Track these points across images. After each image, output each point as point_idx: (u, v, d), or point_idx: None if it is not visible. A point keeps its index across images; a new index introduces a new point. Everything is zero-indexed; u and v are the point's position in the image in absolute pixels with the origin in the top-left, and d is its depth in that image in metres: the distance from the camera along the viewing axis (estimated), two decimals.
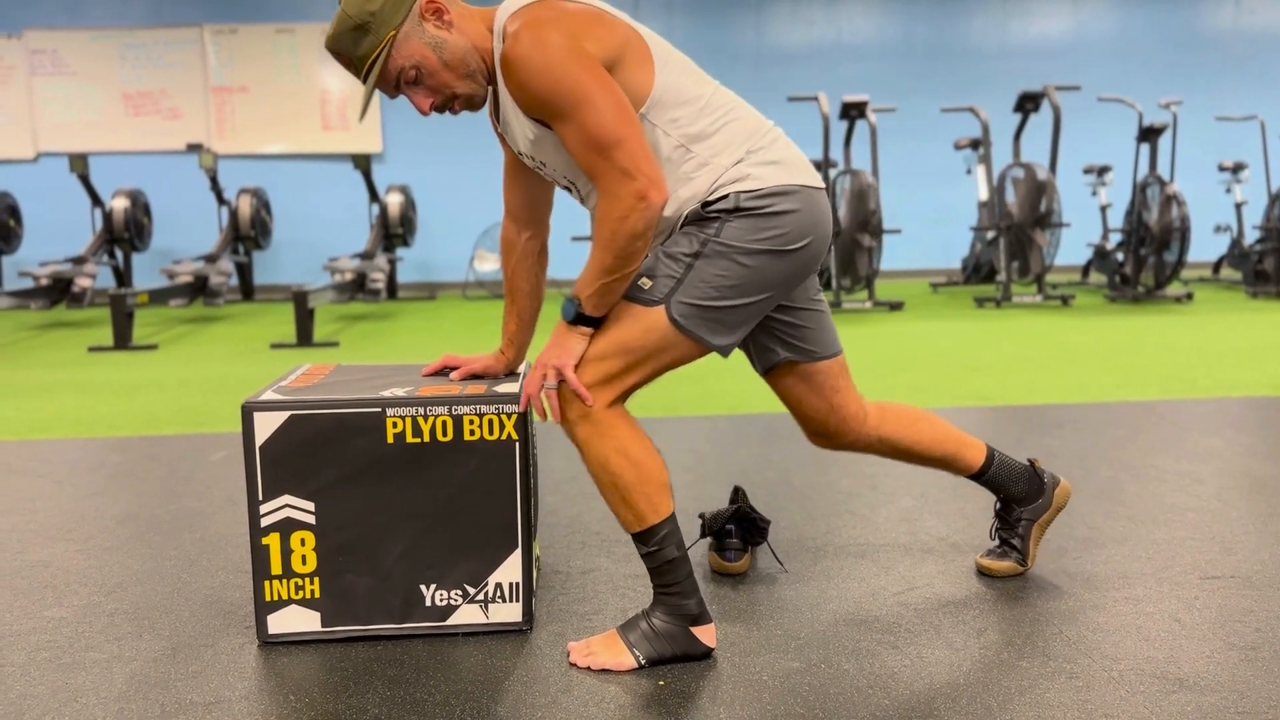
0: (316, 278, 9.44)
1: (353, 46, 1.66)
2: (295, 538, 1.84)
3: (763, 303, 1.77)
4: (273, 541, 1.83)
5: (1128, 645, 1.80)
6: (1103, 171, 8.65)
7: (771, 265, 1.73)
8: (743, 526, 2.23)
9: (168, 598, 2.10)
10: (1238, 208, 8.65)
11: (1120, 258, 8.12)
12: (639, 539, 1.75)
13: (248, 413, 1.80)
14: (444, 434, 1.83)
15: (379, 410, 1.82)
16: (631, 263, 1.65)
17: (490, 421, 1.84)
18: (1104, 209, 8.67)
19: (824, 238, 1.79)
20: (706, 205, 1.72)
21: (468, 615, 1.89)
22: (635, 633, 1.76)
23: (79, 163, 7.80)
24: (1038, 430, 3.45)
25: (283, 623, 1.86)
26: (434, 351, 5.65)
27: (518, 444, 1.85)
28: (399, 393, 1.86)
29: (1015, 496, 2.13)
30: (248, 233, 8.35)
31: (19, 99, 9.35)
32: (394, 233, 8.50)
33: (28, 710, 1.63)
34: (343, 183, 9.54)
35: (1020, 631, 1.87)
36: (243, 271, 8.90)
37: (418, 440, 1.83)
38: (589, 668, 1.75)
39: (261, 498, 1.82)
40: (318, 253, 9.41)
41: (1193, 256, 9.62)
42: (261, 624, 1.86)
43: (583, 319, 1.69)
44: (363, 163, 8.42)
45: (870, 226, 7.31)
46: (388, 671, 1.76)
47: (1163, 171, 9.40)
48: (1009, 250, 7.77)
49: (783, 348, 1.91)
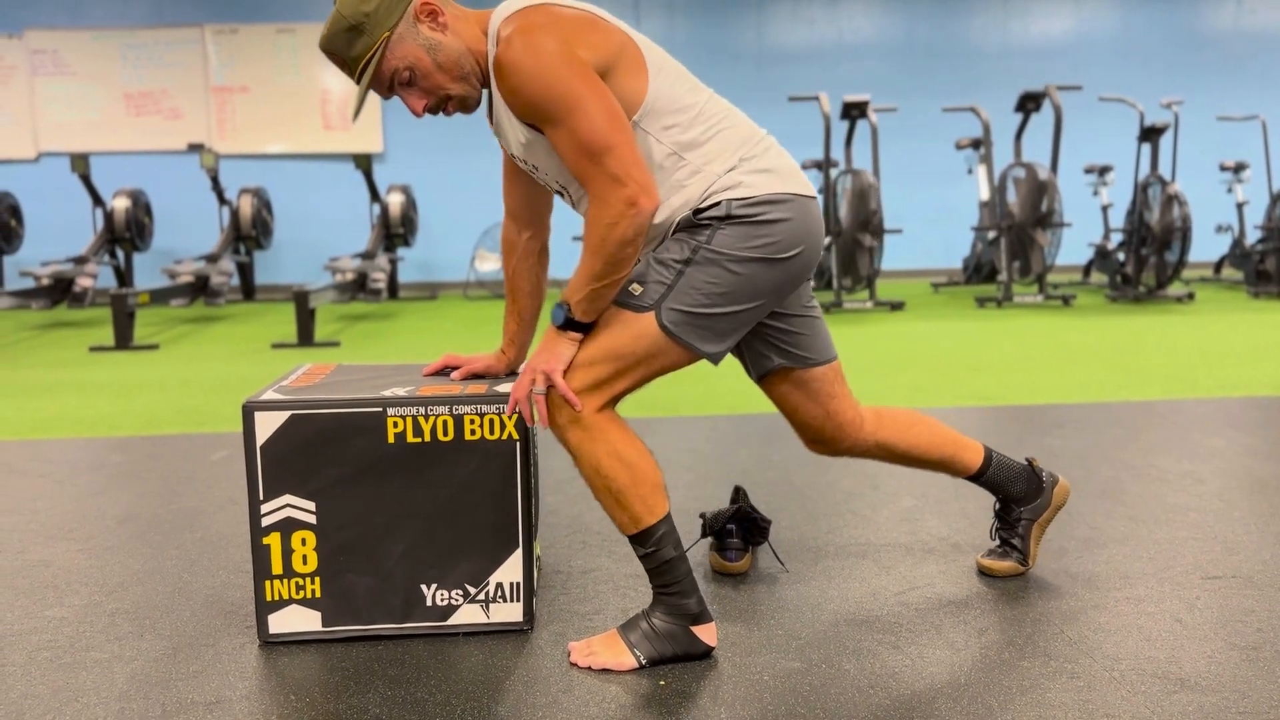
0: (317, 277, 9.44)
1: (347, 47, 1.66)
2: (296, 537, 1.84)
3: (753, 311, 1.76)
4: (274, 541, 1.84)
5: (1129, 645, 1.80)
6: (1104, 171, 8.64)
7: (762, 273, 1.73)
8: (744, 526, 2.23)
9: (168, 597, 2.10)
10: (1239, 207, 8.65)
11: (1121, 258, 8.11)
12: (636, 540, 1.75)
13: (249, 412, 1.80)
14: (445, 434, 1.83)
15: (380, 410, 1.82)
16: (621, 269, 1.64)
17: (491, 421, 1.84)
18: (1105, 209, 8.67)
19: (816, 247, 1.78)
20: (698, 212, 1.72)
21: (468, 615, 1.89)
22: (636, 632, 1.76)
23: (80, 163, 7.80)
24: (1039, 430, 3.45)
25: (283, 622, 1.86)
26: (435, 351, 5.65)
27: (518, 444, 1.85)
28: (400, 392, 1.86)
29: (1014, 496, 2.13)
30: (249, 232, 8.35)
31: (20, 99, 9.36)
32: (395, 232, 8.50)
33: (29, 710, 1.64)
34: (344, 182, 9.54)
35: (1021, 631, 1.87)
36: (244, 271, 8.91)
37: (419, 440, 1.83)
38: (590, 667, 1.75)
39: (262, 497, 1.82)
40: (319, 252, 9.42)
41: (1194, 256, 9.61)
42: (262, 624, 1.86)
43: (572, 324, 1.69)
44: (364, 162, 8.42)
45: (871, 226, 7.31)
46: (388, 671, 1.76)
47: (1164, 171, 9.40)
48: (1010, 250, 7.76)
49: (777, 354, 1.91)
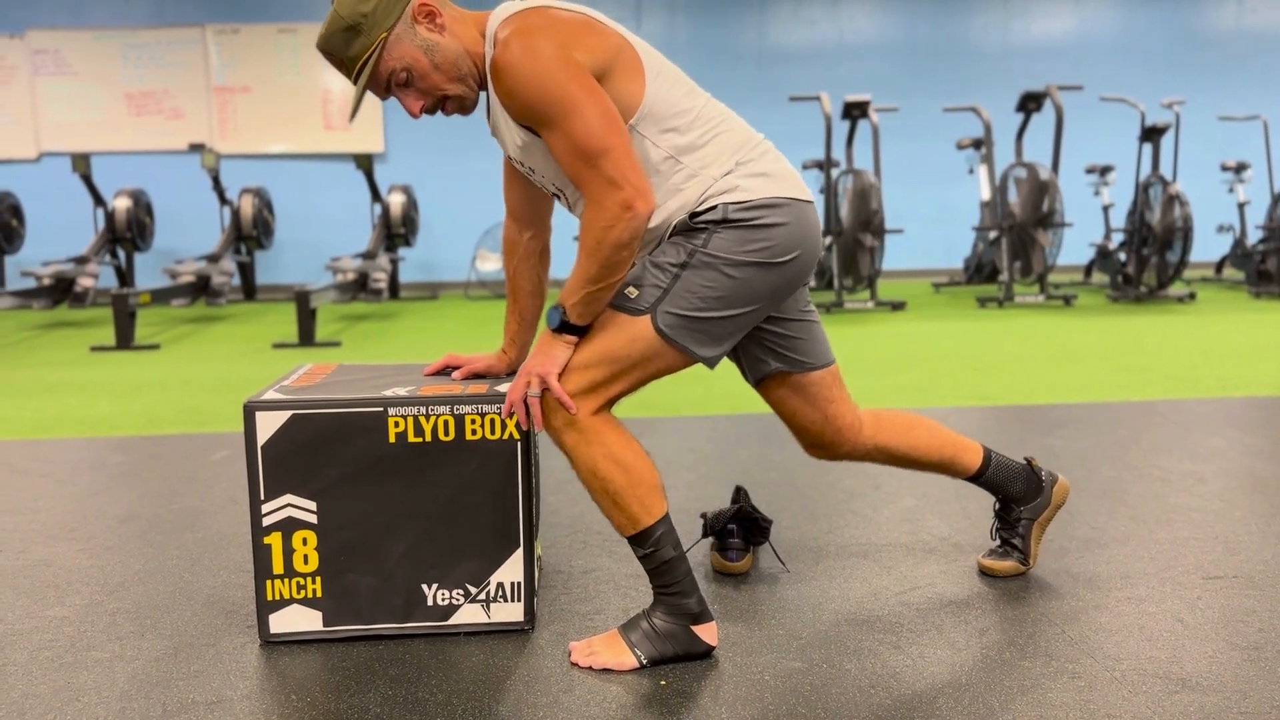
0: (318, 277, 9.44)
1: (344, 47, 1.66)
2: (297, 537, 1.84)
3: (750, 315, 1.76)
4: (274, 541, 1.84)
5: (1130, 645, 1.80)
6: (1105, 171, 8.64)
7: (758, 277, 1.72)
8: (744, 526, 2.23)
9: (169, 597, 2.10)
10: (1240, 207, 8.65)
11: (1123, 257, 8.11)
12: (634, 541, 1.75)
13: (250, 412, 1.80)
14: (446, 433, 1.83)
15: (381, 410, 1.82)
16: (617, 272, 1.64)
17: (492, 421, 1.84)
18: (1106, 209, 8.67)
19: (813, 251, 1.78)
20: (695, 216, 1.72)
21: (469, 615, 1.89)
22: (637, 632, 1.76)
23: (81, 162, 7.81)
24: (1040, 430, 3.44)
25: (284, 622, 1.86)
26: (436, 351, 5.66)
27: (519, 444, 1.85)
28: (401, 392, 1.86)
29: (1014, 496, 2.13)
30: (250, 232, 8.35)
31: (21, 99, 9.36)
32: (396, 232, 8.51)
33: (30, 709, 1.64)
34: (345, 182, 9.54)
35: (1022, 631, 1.87)
36: (245, 271, 8.91)
37: (420, 440, 1.83)
38: (591, 667, 1.75)
39: (263, 497, 1.82)
40: (320, 252, 9.42)
41: (1195, 256, 9.61)
42: (263, 623, 1.86)
43: (568, 327, 1.69)
44: (365, 162, 8.42)
45: (872, 226, 7.31)
46: (389, 671, 1.76)
47: (1165, 171, 9.39)
48: (1011, 250, 7.76)
49: (774, 359, 1.91)
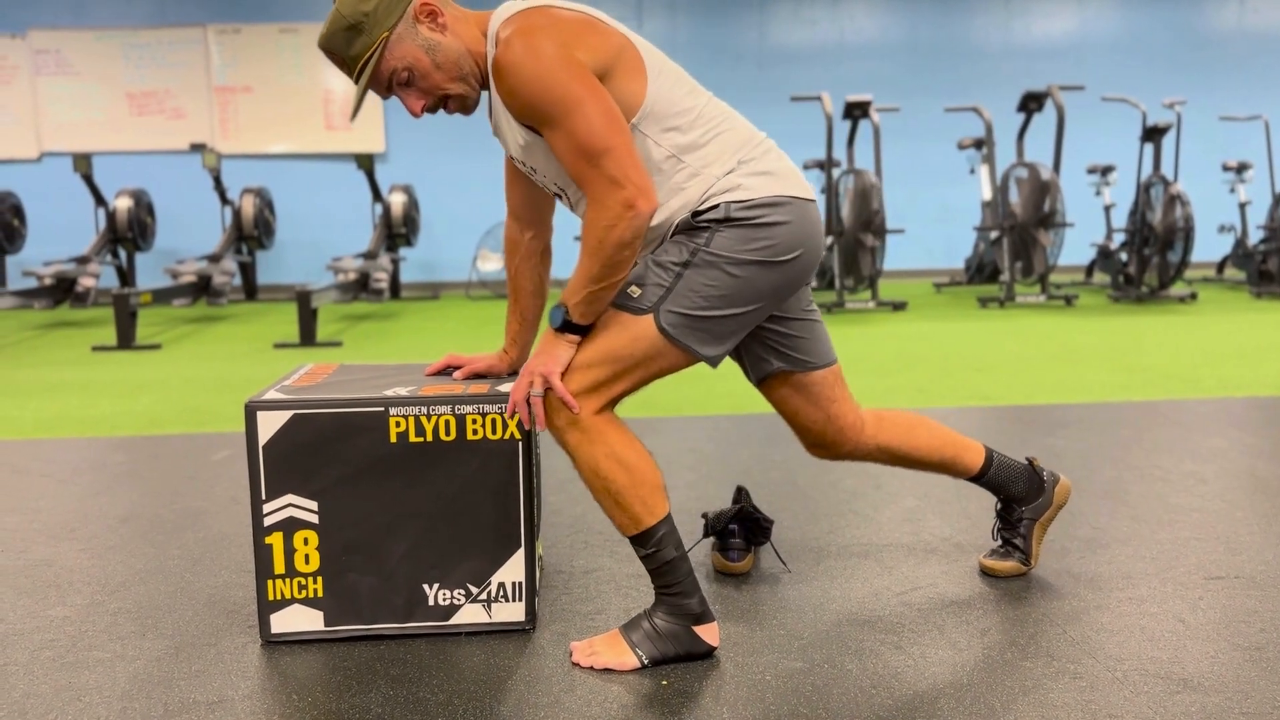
0: (320, 277, 9.45)
1: (345, 46, 1.66)
2: (298, 537, 1.84)
3: (752, 314, 1.76)
4: (276, 541, 1.84)
5: (1132, 646, 1.80)
6: (1106, 171, 8.64)
7: (761, 276, 1.72)
8: (746, 526, 2.23)
9: (171, 597, 2.10)
10: (1242, 208, 8.64)
11: (1124, 258, 8.11)
12: (636, 541, 1.75)
13: (251, 412, 1.80)
14: (447, 433, 1.83)
15: (382, 410, 1.82)
16: (619, 271, 1.64)
17: (493, 421, 1.84)
18: (1108, 209, 8.66)
19: (815, 250, 1.78)
20: (697, 215, 1.72)
21: (471, 615, 1.89)
22: (638, 632, 1.76)
23: (83, 162, 7.81)
24: (1041, 430, 3.44)
25: (285, 622, 1.86)
26: (437, 351, 5.66)
27: (521, 444, 1.85)
28: (402, 392, 1.86)
29: (1015, 496, 2.13)
30: (251, 232, 8.36)
31: (23, 99, 9.37)
32: (397, 232, 8.51)
33: (31, 709, 1.64)
34: (346, 182, 9.54)
35: (1024, 632, 1.87)
36: (246, 271, 8.91)
37: (421, 440, 1.83)
38: (592, 667, 1.75)
39: (264, 497, 1.82)
40: (321, 252, 9.42)
41: (1196, 256, 9.61)
42: (264, 623, 1.86)
43: (570, 326, 1.69)
44: (366, 162, 8.42)
45: (874, 226, 7.31)
46: (390, 671, 1.76)
47: (1166, 171, 9.38)
48: (1012, 250, 7.76)
49: (776, 358, 1.91)
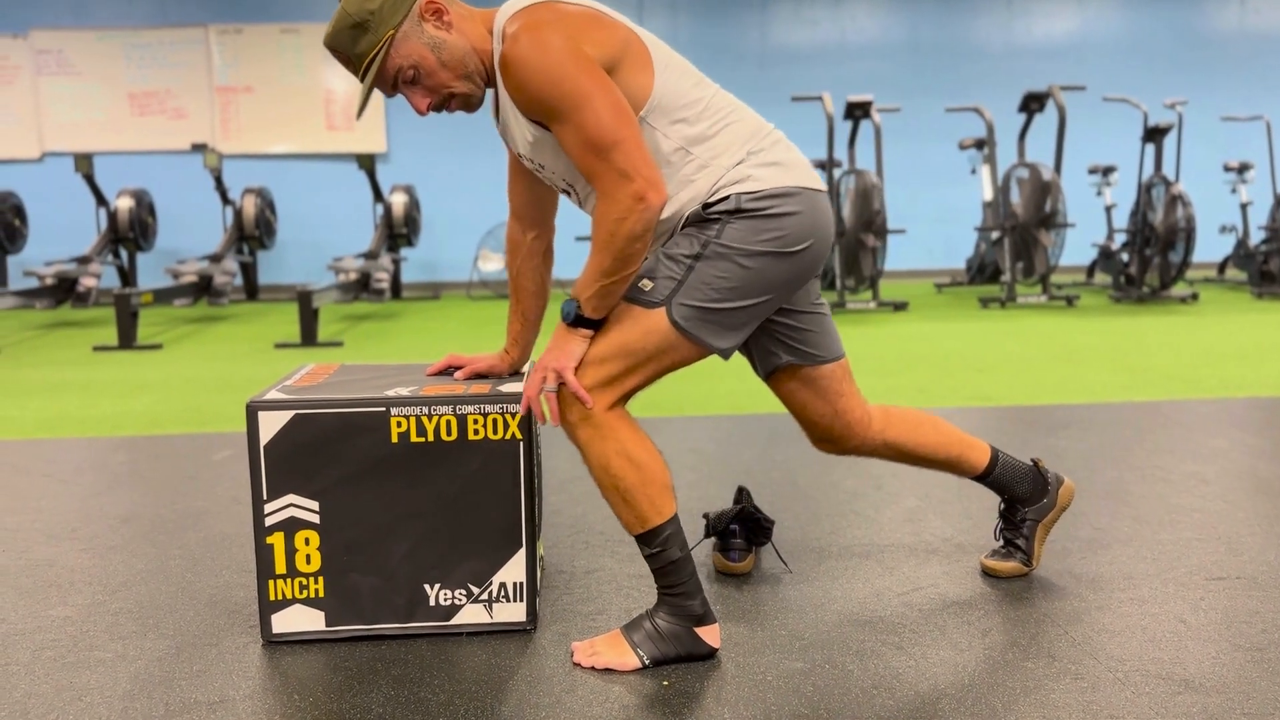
0: (321, 277, 9.45)
1: (351, 44, 1.66)
2: (299, 537, 1.84)
3: (764, 305, 1.76)
4: (277, 541, 1.84)
5: (1133, 646, 1.80)
6: (1108, 171, 8.63)
7: (772, 267, 1.72)
8: (747, 527, 2.22)
9: (172, 597, 2.10)
10: (1243, 208, 8.64)
11: (1125, 258, 8.10)
12: (642, 540, 1.75)
13: (252, 412, 1.80)
14: (448, 433, 1.83)
15: (383, 410, 1.82)
16: (630, 265, 1.64)
17: (494, 421, 1.84)
18: (1109, 209, 8.66)
19: (825, 240, 1.78)
20: (707, 207, 1.72)
21: (472, 615, 1.89)
22: (639, 633, 1.76)
23: (84, 162, 7.81)
24: (1042, 431, 3.44)
25: (287, 622, 1.86)
26: (438, 351, 5.66)
27: (522, 444, 1.85)
28: (403, 392, 1.86)
29: (1019, 497, 2.13)
30: (252, 232, 8.36)
31: (25, 99, 9.37)
32: (398, 232, 8.51)
33: (32, 709, 1.64)
34: (347, 182, 9.54)
35: (1025, 632, 1.87)
36: (247, 271, 8.91)
37: (422, 440, 1.83)
38: (593, 668, 1.75)
39: (266, 497, 1.82)
40: (322, 252, 9.42)
41: (1198, 257, 9.60)
42: (266, 623, 1.86)
43: (582, 321, 1.69)
44: (367, 162, 8.42)
45: (875, 226, 7.31)
46: (392, 671, 1.76)
47: (1168, 172, 9.38)
48: (1014, 250, 7.75)
49: (785, 351, 1.91)
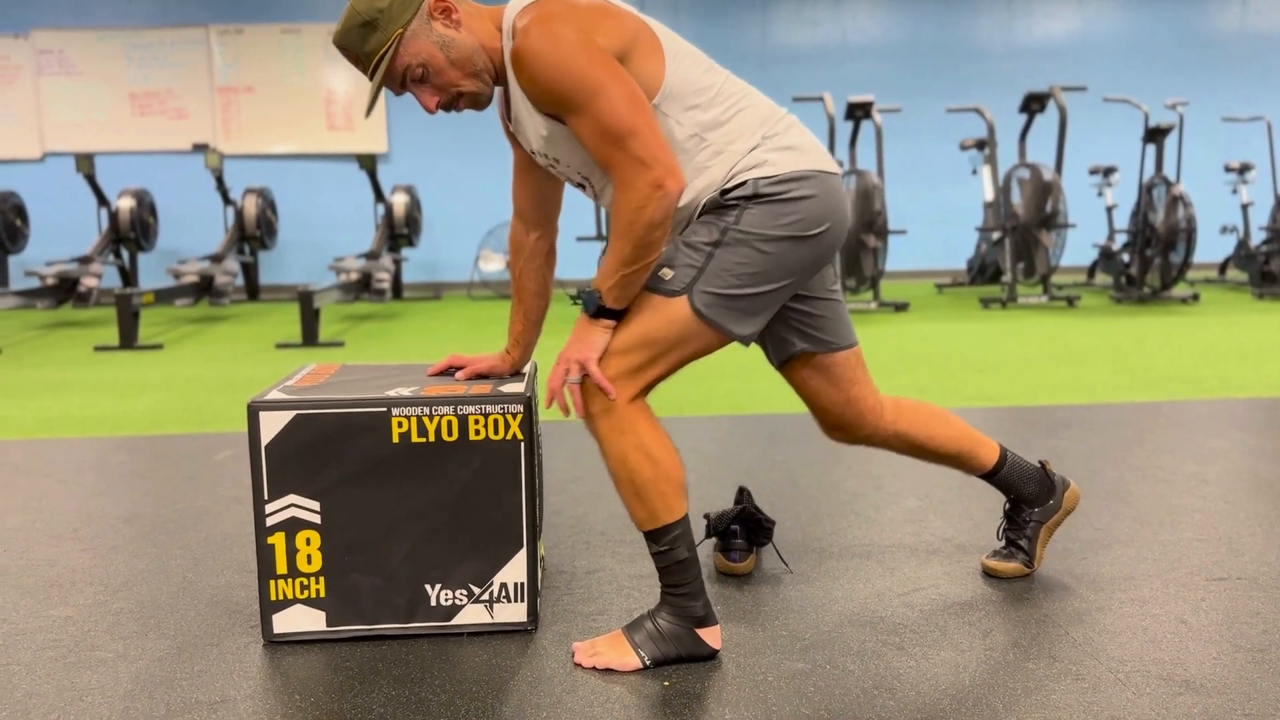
0: (322, 278, 9.45)
1: (360, 43, 1.66)
2: (300, 537, 1.84)
3: (783, 289, 1.76)
4: (278, 541, 1.84)
5: (1134, 647, 1.79)
6: (1108, 172, 8.63)
7: (792, 251, 1.73)
8: (748, 527, 2.22)
9: (173, 597, 2.10)
10: (1244, 209, 8.63)
11: (1126, 259, 8.10)
12: (651, 537, 1.75)
13: (253, 412, 1.81)
14: (449, 434, 1.83)
15: (384, 410, 1.82)
16: (651, 253, 1.64)
17: (495, 421, 1.83)
18: (1110, 210, 8.66)
19: (842, 223, 1.78)
20: (725, 193, 1.72)
21: (473, 615, 1.89)
22: (640, 633, 1.76)
23: (85, 162, 7.81)
24: (1043, 431, 3.44)
25: (288, 622, 1.86)
26: (439, 351, 5.66)
27: (523, 444, 1.85)
28: (404, 392, 1.86)
29: (1026, 497, 2.13)
30: (253, 233, 8.36)
31: (26, 99, 9.38)
32: (399, 233, 8.51)
33: (34, 709, 1.64)
34: (348, 183, 9.55)
35: (1026, 633, 1.87)
36: (248, 271, 8.92)
37: (423, 440, 1.83)
38: (594, 668, 1.75)
39: (267, 497, 1.82)
40: (323, 253, 9.43)
41: (1199, 257, 9.60)
42: (266, 623, 1.86)
43: (604, 312, 1.69)
44: (368, 163, 8.43)
45: (875, 227, 7.31)
46: (393, 671, 1.76)
47: (1169, 172, 9.38)
48: (1014, 251, 7.75)
49: (800, 338, 1.91)
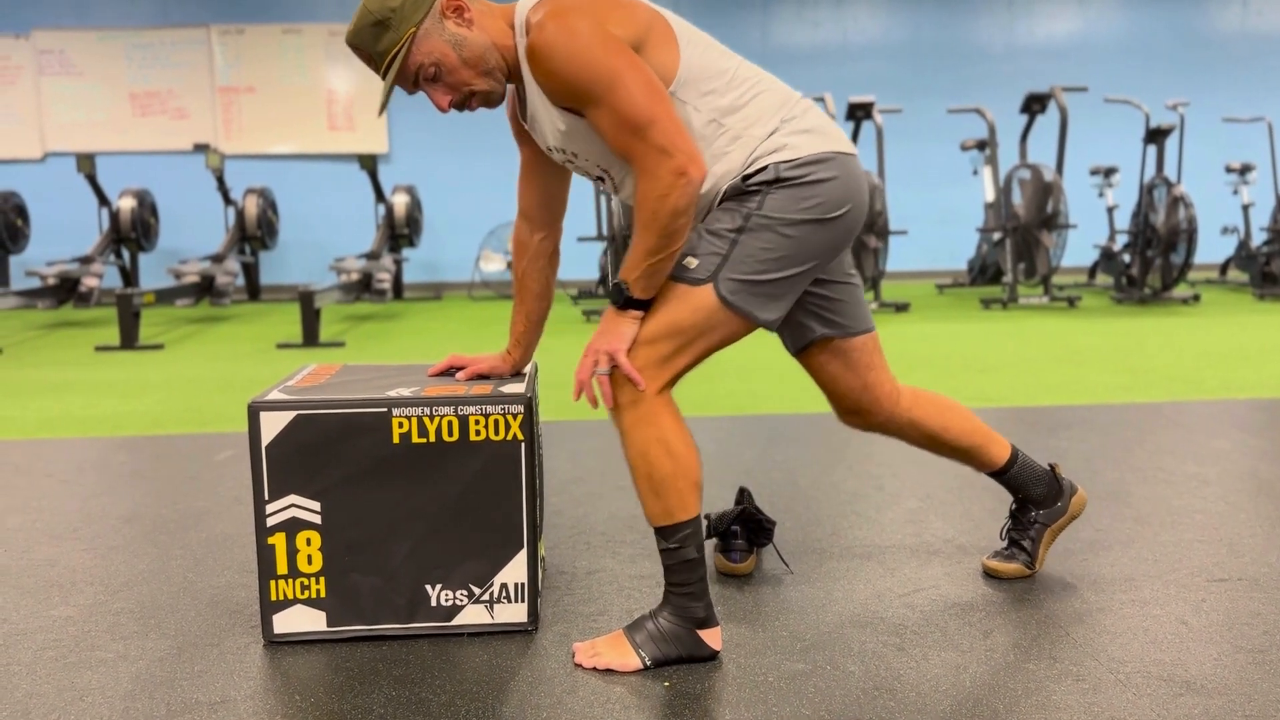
0: (322, 278, 9.45)
1: (373, 42, 1.67)
2: (301, 537, 1.84)
3: (807, 273, 1.77)
4: (278, 541, 1.84)
5: (1134, 648, 1.79)
6: (1109, 173, 8.63)
7: (814, 235, 1.73)
8: (748, 527, 2.22)
9: (173, 597, 2.10)
10: (1245, 209, 8.63)
11: (1127, 259, 8.10)
12: (661, 534, 1.75)
13: (254, 412, 1.81)
14: (450, 434, 1.83)
15: (385, 410, 1.82)
16: (675, 241, 1.65)
17: (496, 422, 1.84)
18: (1111, 210, 8.66)
19: (862, 204, 1.79)
20: (746, 179, 1.72)
21: (473, 615, 1.89)
22: (641, 633, 1.76)
23: (86, 163, 7.82)
24: (1044, 432, 3.44)
25: (288, 622, 1.86)
26: (440, 352, 5.66)
27: (523, 444, 1.85)
28: (405, 393, 1.86)
29: (1034, 498, 2.13)
30: (254, 233, 8.37)
31: (27, 99, 9.38)
32: (400, 233, 8.52)
33: (34, 709, 1.64)
34: (349, 183, 9.55)
35: (1027, 634, 1.87)
36: (249, 271, 8.92)
37: (424, 440, 1.83)
38: (594, 668, 1.75)
39: (267, 497, 1.82)
40: (324, 253, 9.43)
41: (1200, 258, 9.60)
42: (267, 623, 1.86)
43: (632, 303, 1.69)
44: (369, 163, 8.43)
45: (876, 227, 7.31)
46: (393, 671, 1.76)
47: (1170, 173, 9.38)
48: (1015, 251, 7.75)
49: (819, 323, 1.92)
